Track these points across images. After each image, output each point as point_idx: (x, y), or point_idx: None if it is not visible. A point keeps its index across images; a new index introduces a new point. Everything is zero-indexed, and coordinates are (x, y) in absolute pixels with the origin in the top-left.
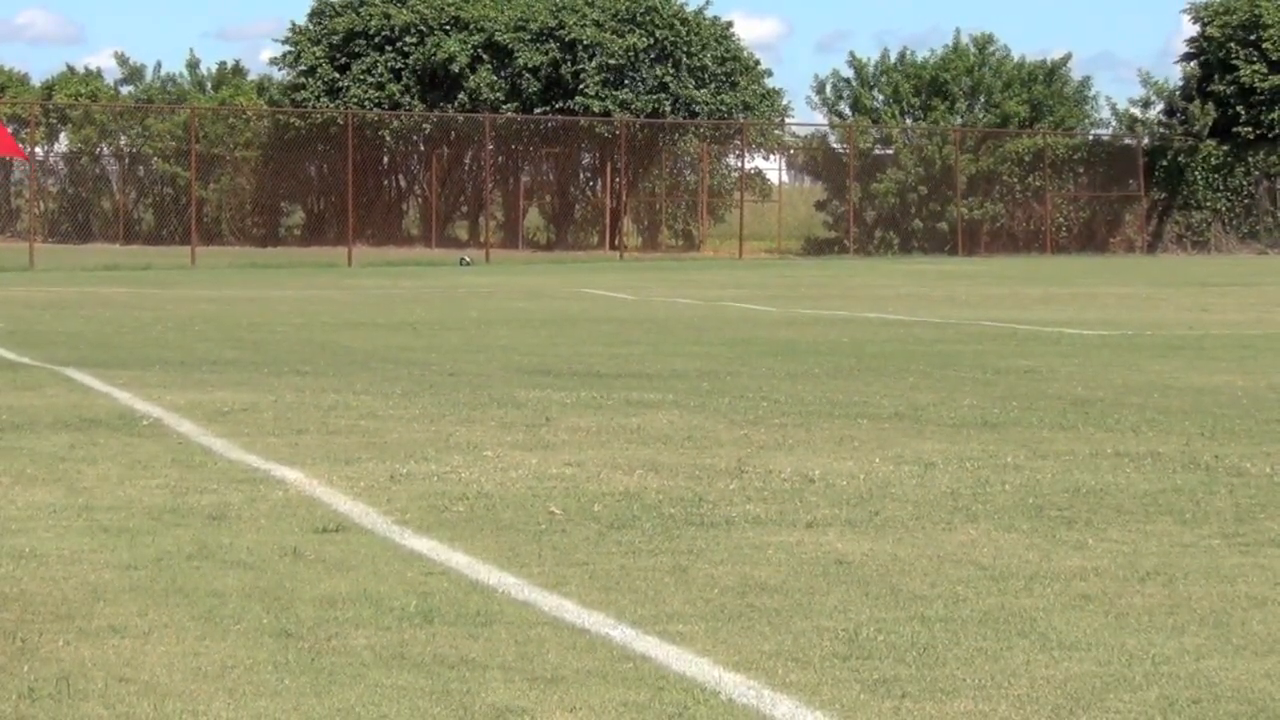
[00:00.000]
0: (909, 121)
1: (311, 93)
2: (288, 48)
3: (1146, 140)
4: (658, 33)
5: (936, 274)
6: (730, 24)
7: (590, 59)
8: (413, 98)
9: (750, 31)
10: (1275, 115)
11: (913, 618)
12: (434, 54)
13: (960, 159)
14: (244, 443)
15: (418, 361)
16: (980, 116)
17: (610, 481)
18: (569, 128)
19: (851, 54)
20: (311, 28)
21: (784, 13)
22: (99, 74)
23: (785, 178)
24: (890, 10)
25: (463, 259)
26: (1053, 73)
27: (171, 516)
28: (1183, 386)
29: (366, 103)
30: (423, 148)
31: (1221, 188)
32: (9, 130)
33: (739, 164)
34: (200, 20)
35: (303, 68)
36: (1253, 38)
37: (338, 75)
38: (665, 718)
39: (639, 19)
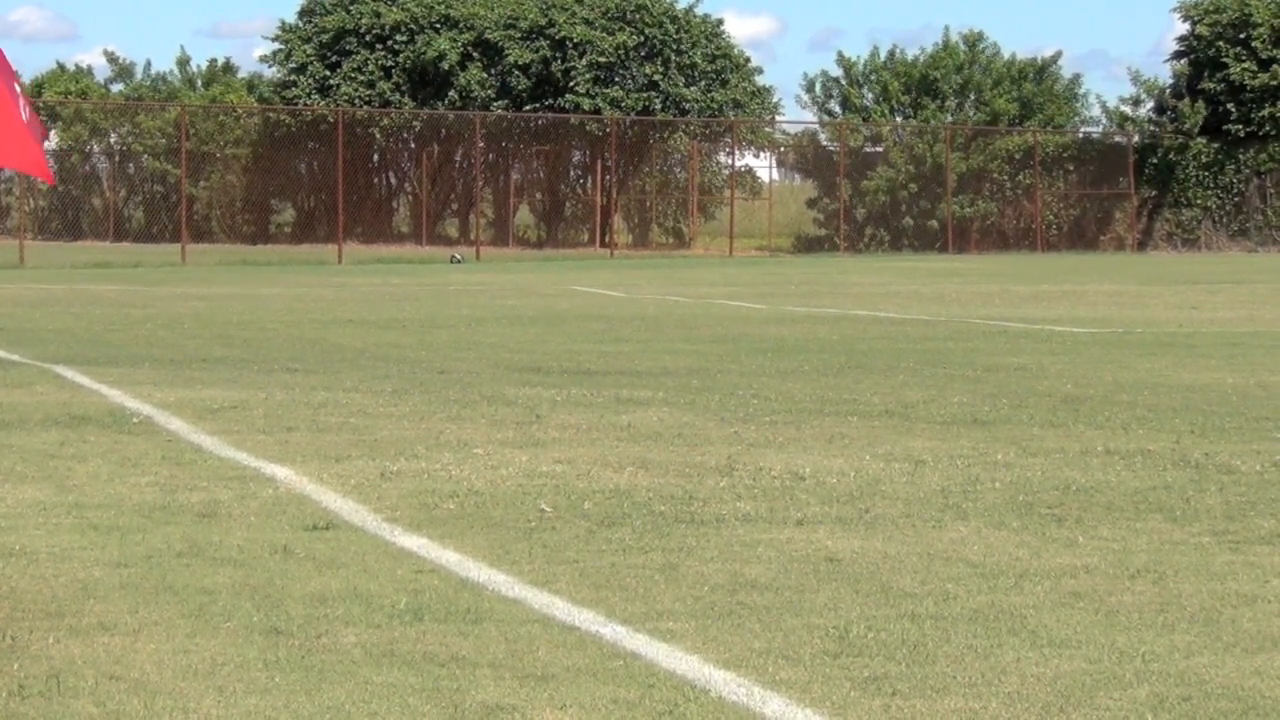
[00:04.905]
0: (899, 119)
1: (302, 90)
2: (278, 45)
3: (1137, 138)
4: (647, 30)
5: (927, 271)
6: (720, 21)
7: (580, 57)
8: (403, 95)
9: (743, 29)
10: (1265, 113)
11: (903, 615)
12: (424, 52)
13: (950, 157)
14: (234, 440)
15: (408, 359)
16: (970, 114)
17: (600, 479)
18: (559, 125)
19: (840, 53)
20: (302, 26)
21: (776, 10)
22: (89, 71)
23: (775, 175)
24: (883, 7)
25: (453, 256)
26: (1043, 70)
27: (161, 514)
28: (1173, 384)
29: (357, 100)
30: (413, 145)
31: (1211, 185)
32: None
33: (729, 162)
34: (193, 18)
35: (293, 65)
36: (1242, 36)
37: (328, 73)
38: (655, 715)
39: (629, 17)
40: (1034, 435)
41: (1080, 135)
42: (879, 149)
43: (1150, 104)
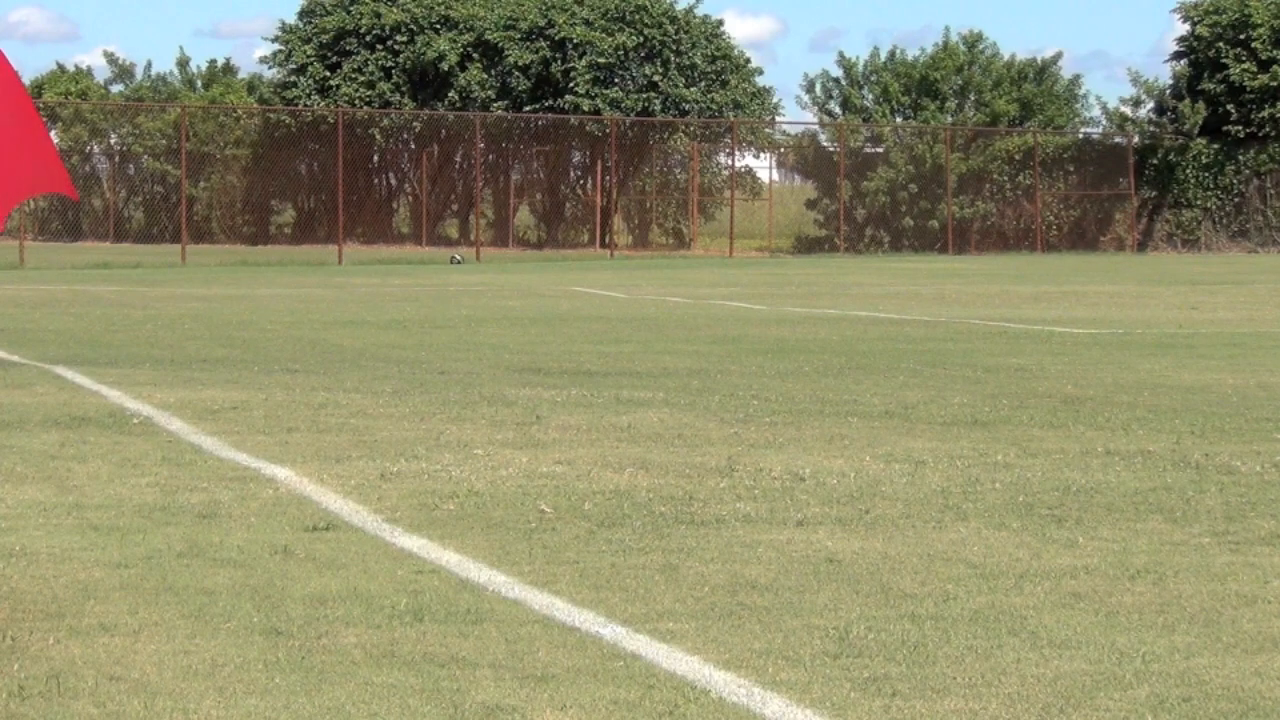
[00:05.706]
0: (899, 120)
1: (302, 91)
2: (278, 46)
3: (1137, 139)
4: (647, 31)
5: (927, 272)
6: (720, 22)
7: (580, 58)
8: (403, 96)
9: (744, 29)
10: (1265, 114)
11: (903, 616)
12: (424, 53)
13: (950, 157)
14: (234, 441)
15: (408, 360)
16: (970, 115)
17: (601, 480)
18: (559, 126)
19: (840, 54)
20: (302, 26)
21: (777, 10)
22: (89, 72)
23: (776, 176)
24: (883, 8)
25: (453, 257)
26: (1043, 71)
27: (162, 515)
28: (1173, 385)
29: (357, 101)
30: (413, 146)
31: (1211, 186)
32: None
33: (729, 162)
34: (193, 18)
35: (293, 66)
36: (1242, 37)
37: (328, 74)
38: (656, 716)
39: (629, 18)
40: (1034, 436)
41: (1080, 136)
42: (879, 150)
43: (1150, 105)
